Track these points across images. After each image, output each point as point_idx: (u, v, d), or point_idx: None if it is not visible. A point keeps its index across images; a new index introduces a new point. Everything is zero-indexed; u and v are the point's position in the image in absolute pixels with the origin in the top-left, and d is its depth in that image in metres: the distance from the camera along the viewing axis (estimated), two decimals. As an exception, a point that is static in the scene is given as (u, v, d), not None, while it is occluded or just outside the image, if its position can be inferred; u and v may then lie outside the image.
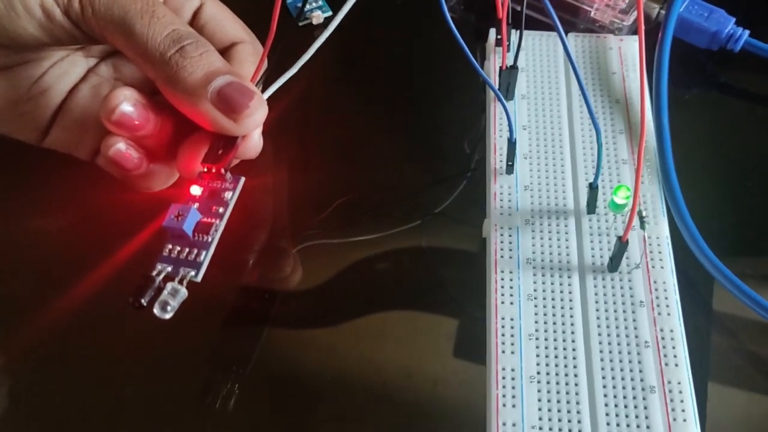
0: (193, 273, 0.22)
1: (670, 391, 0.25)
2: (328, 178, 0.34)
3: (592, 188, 0.28)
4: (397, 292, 0.31)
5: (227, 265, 0.28)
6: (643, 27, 0.23)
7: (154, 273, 0.22)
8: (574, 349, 0.26)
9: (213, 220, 0.23)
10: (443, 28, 0.25)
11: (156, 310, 0.21)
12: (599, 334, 0.26)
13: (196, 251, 0.22)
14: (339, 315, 0.30)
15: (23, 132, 0.28)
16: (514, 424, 0.25)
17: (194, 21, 0.29)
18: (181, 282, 0.22)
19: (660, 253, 0.28)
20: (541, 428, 0.24)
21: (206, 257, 0.22)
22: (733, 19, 0.35)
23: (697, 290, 0.29)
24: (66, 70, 0.28)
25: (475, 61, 0.26)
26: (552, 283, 0.27)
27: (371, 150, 0.35)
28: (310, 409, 0.28)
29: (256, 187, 0.28)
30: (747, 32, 0.35)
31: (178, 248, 0.22)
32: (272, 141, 0.29)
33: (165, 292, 0.21)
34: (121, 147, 0.25)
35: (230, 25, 0.29)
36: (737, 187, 0.33)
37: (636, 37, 0.34)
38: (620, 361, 0.26)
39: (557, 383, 0.25)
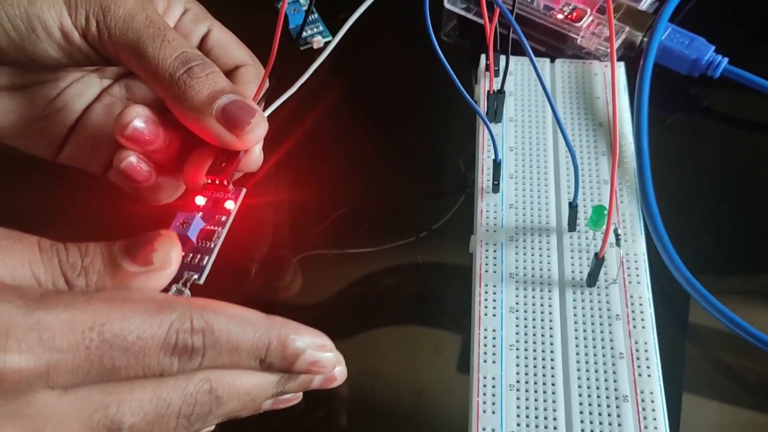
0: (196, 276, 0.23)
1: (643, 401, 0.26)
2: (327, 192, 0.35)
3: (572, 207, 0.29)
4: (390, 303, 0.32)
5: (230, 273, 0.29)
6: (615, 50, 0.25)
7: None
8: (552, 359, 0.27)
9: (216, 228, 0.25)
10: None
11: None
12: (576, 346, 0.28)
13: (199, 256, 0.24)
14: (332, 322, 0.32)
15: (39, 148, 0.30)
16: (493, 430, 0.26)
17: (202, 45, 0.30)
18: (185, 284, 0.23)
19: (637, 269, 0.29)
20: (519, 433, 0.26)
21: (209, 261, 0.24)
22: (713, 47, 0.37)
23: (672, 305, 0.31)
24: (81, 90, 0.30)
25: (461, 86, 0.28)
26: (533, 297, 0.29)
27: (370, 167, 0.37)
28: (299, 414, 0.29)
29: (258, 200, 0.29)
30: (726, 59, 0.36)
31: (183, 253, 0.24)
32: (273, 156, 0.31)
33: (170, 292, 0.23)
34: (132, 160, 0.27)
35: (235, 50, 0.31)
36: (713, 207, 0.34)
37: (620, 63, 0.36)
38: (596, 371, 0.27)
39: (535, 391, 0.27)
